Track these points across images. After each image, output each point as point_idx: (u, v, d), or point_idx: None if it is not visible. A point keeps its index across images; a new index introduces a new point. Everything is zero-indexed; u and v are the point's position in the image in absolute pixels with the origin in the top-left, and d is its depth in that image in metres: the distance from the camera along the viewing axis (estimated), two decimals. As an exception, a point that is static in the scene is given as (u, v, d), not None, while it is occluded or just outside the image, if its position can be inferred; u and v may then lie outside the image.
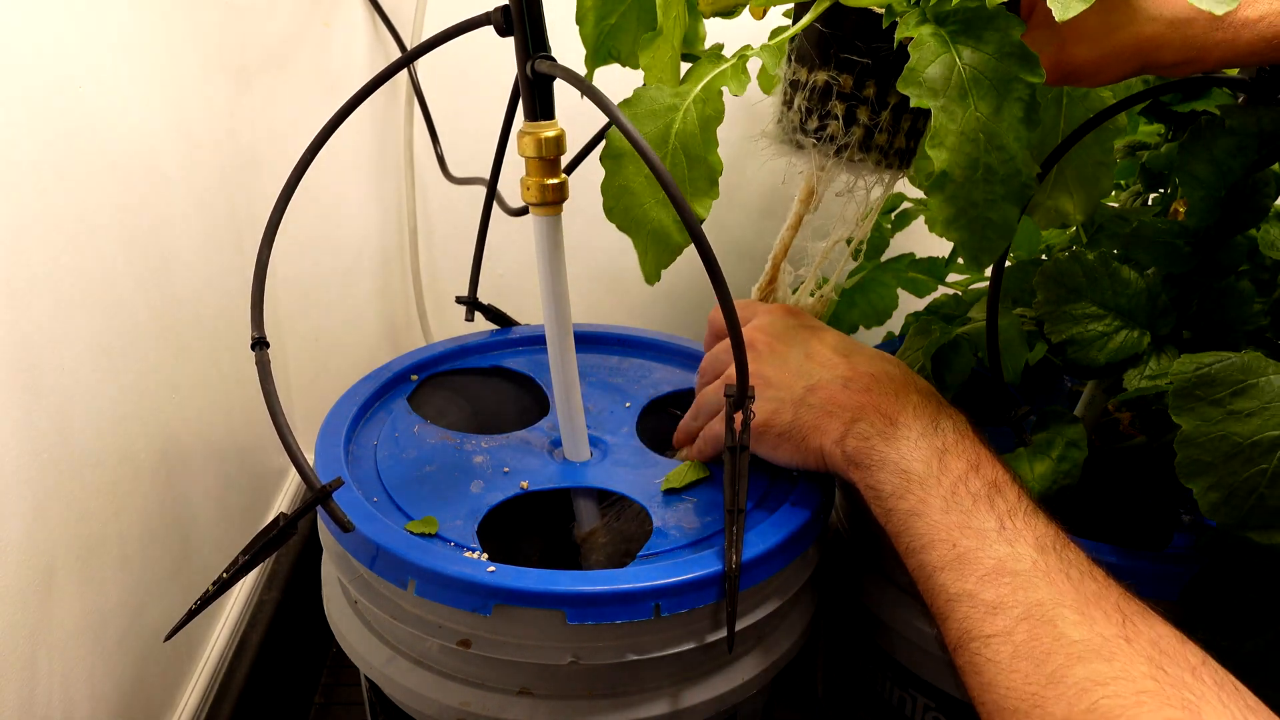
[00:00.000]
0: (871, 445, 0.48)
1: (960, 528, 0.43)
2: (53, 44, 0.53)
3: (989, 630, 0.39)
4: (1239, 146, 0.52)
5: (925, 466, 0.46)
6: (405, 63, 0.54)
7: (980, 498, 0.44)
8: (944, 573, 0.42)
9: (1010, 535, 0.42)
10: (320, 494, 0.45)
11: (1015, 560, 0.41)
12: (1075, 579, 0.40)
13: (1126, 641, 0.37)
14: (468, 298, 0.74)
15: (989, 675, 0.38)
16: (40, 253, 0.52)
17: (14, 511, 0.49)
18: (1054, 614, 0.38)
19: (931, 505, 0.44)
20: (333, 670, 0.92)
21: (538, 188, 0.51)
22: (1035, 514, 0.44)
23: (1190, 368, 0.46)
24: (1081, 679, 0.36)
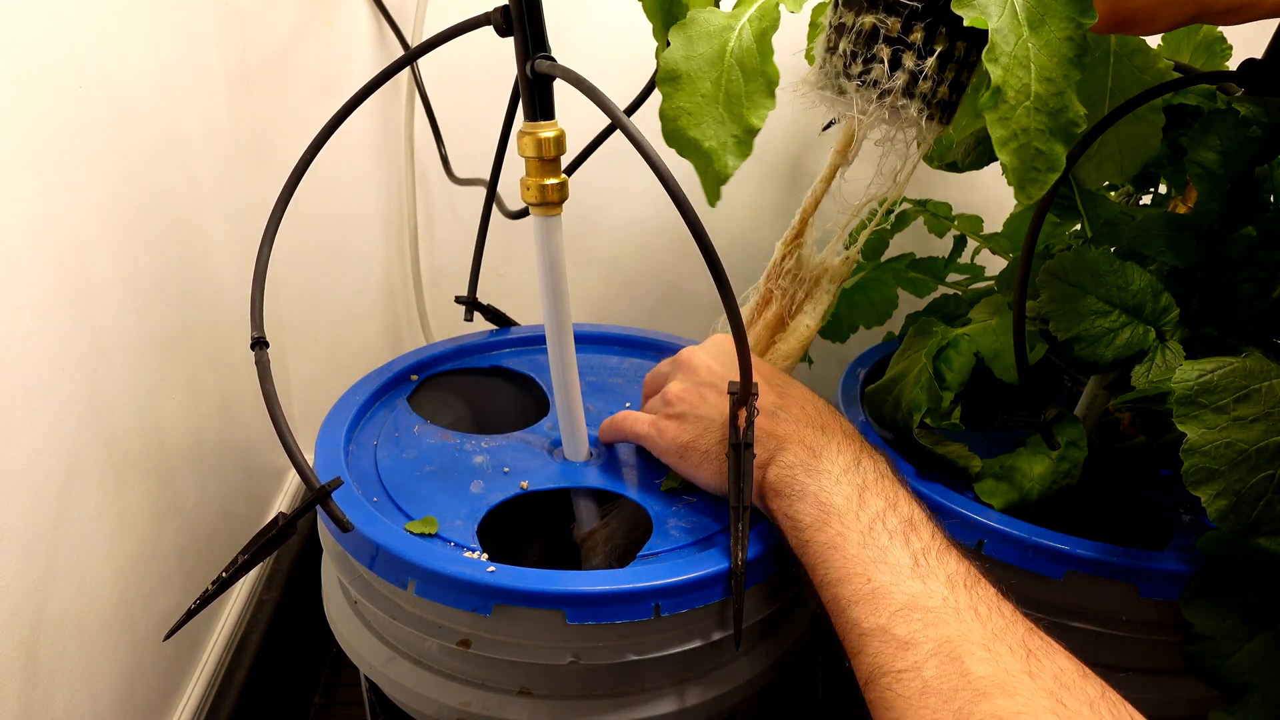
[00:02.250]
0: (794, 475, 0.49)
1: (875, 563, 0.44)
2: (52, 44, 0.53)
3: (899, 666, 0.40)
4: (1248, 137, 0.52)
5: (845, 501, 0.47)
6: (405, 62, 0.54)
7: (896, 534, 0.45)
8: (858, 607, 0.43)
9: (923, 572, 0.43)
10: (319, 494, 0.46)
11: (927, 597, 0.42)
12: (983, 615, 0.41)
13: (1030, 677, 0.38)
14: (467, 298, 0.74)
15: (899, 710, 0.39)
16: (40, 253, 0.52)
17: (13, 510, 0.49)
18: (961, 650, 0.39)
19: (849, 539, 0.45)
20: (333, 670, 0.92)
21: (537, 188, 0.51)
22: (948, 552, 0.45)
23: (1193, 375, 0.46)
24: (985, 715, 0.37)
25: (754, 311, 0.62)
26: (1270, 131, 0.52)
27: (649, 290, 0.99)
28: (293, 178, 0.51)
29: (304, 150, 0.52)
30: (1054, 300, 0.55)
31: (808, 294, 0.61)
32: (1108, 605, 0.54)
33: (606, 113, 0.44)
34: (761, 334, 0.62)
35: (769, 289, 0.61)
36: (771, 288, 0.61)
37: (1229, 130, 0.52)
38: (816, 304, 0.61)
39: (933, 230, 0.78)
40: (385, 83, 0.53)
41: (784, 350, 0.61)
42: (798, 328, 0.61)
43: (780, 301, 0.61)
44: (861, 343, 0.79)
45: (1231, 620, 0.49)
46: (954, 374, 0.59)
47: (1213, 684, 0.50)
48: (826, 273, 0.60)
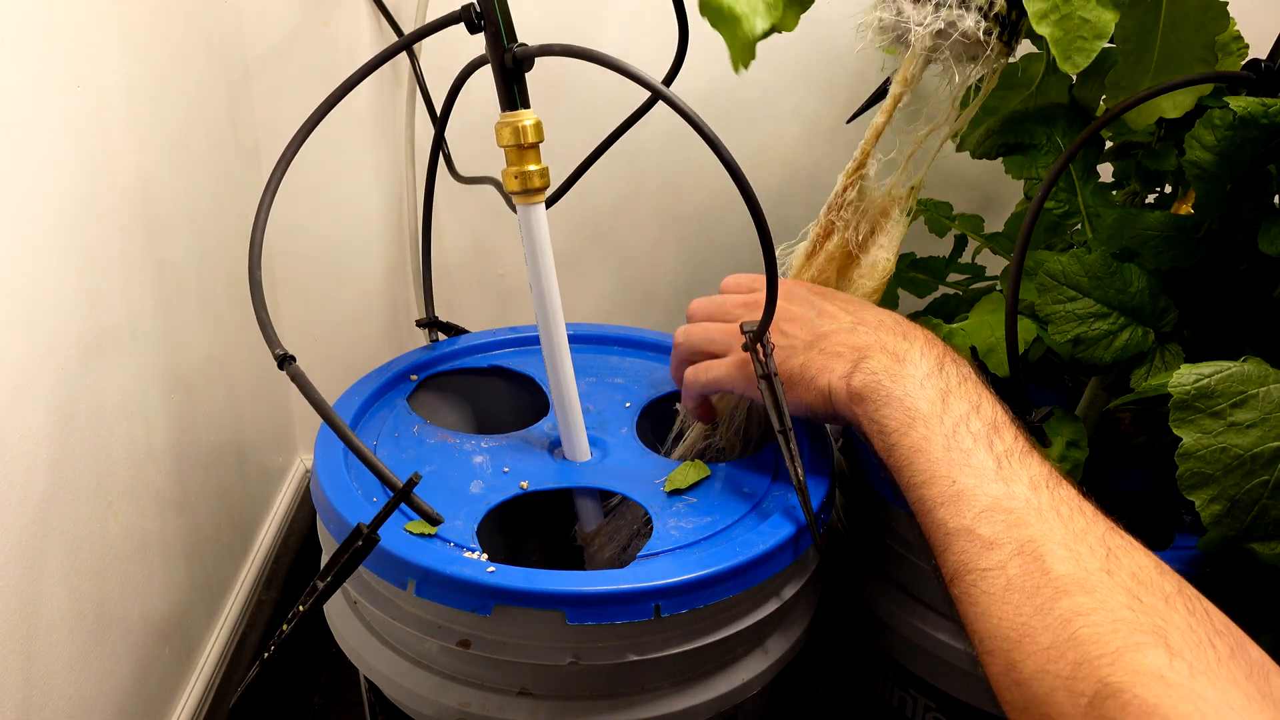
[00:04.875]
0: (879, 381, 0.50)
1: (960, 466, 0.45)
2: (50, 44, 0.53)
3: (984, 564, 0.42)
4: (1246, 137, 0.52)
5: (930, 405, 0.48)
6: (395, 51, 0.54)
7: (980, 438, 0.46)
8: (943, 508, 0.44)
9: (1006, 474, 0.44)
10: (404, 491, 0.43)
11: (1010, 499, 0.43)
12: (1065, 515, 0.42)
13: (1108, 574, 0.40)
14: (426, 319, 0.73)
15: (984, 605, 0.41)
16: (40, 253, 0.52)
17: (10, 510, 0.49)
18: (1043, 549, 0.41)
19: (934, 443, 0.46)
20: (333, 670, 0.92)
21: (520, 176, 0.52)
22: (1030, 454, 0.46)
23: (1189, 379, 0.46)
24: (1065, 610, 0.38)
25: (814, 243, 0.62)
26: (1270, 132, 0.51)
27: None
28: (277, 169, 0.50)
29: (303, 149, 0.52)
30: (1052, 303, 0.55)
31: (875, 226, 0.60)
32: (1108, 605, 0.54)
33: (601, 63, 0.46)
34: (824, 265, 0.61)
35: (830, 220, 0.60)
36: (833, 219, 0.60)
37: (1226, 130, 0.52)
38: (890, 236, 0.60)
39: (933, 230, 0.78)
40: (370, 73, 0.53)
41: (868, 286, 0.60)
42: (876, 262, 0.60)
43: (842, 233, 0.60)
44: (862, 343, 0.79)
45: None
46: (954, 373, 0.59)
47: (1213, 684, 0.50)
48: (895, 202, 0.59)
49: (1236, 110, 0.51)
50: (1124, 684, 0.36)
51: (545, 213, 0.54)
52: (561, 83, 0.85)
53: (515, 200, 0.53)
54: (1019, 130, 0.65)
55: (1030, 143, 0.65)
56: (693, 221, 0.94)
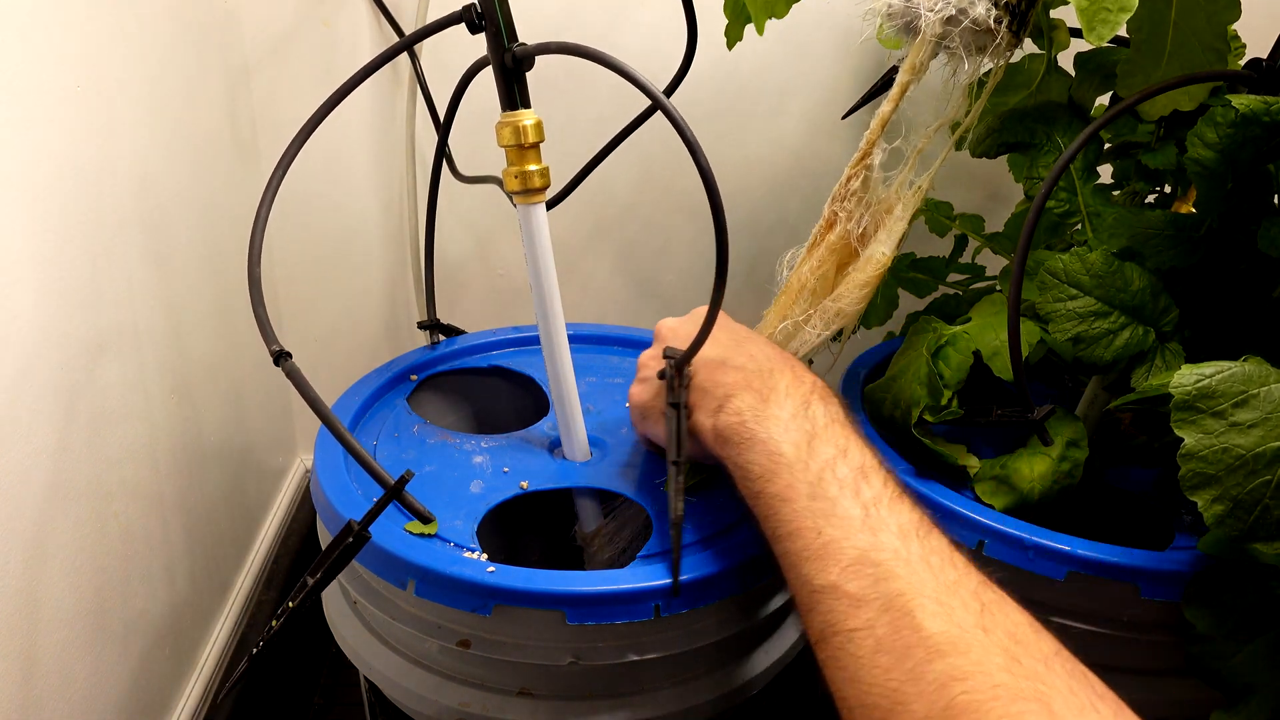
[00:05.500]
0: (743, 422, 0.48)
1: (825, 516, 0.43)
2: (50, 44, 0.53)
3: (852, 624, 0.39)
4: (1248, 135, 0.52)
5: (794, 449, 0.46)
6: (397, 51, 0.54)
7: (846, 484, 0.44)
8: (809, 564, 0.42)
9: (874, 523, 0.42)
10: (395, 489, 0.44)
11: (877, 550, 0.41)
12: (936, 566, 0.40)
13: (984, 632, 0.37)
14: (428, 321, 0.74)
15: (852, 670, 0.39)
16: (42, 254, 0.52)
17: (10, 511, 0.49)
18: (914, 605, 0.39)
19: (798, 491, 0.44)
20: (333, 670, 0.92)
21: (520, 175, 0.52)
22: (899, 500, 0.44)
23: (1190, 379, 0.46)
24: (940, 674, 0.36)
25: (816, 235, 0.61)
26: (1271, 130, 0.51)
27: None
28: (275, 178, 0.51)
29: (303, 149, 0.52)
30: (1053, 301, 0.55)
31: (879, 223, 0.59)
32: (1108, 605, 0.54)
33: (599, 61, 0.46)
34: (825, 257, 0.60)
35: (833, 211, 0.59)
36: (836, 210, 0.59)
37: (1228, 128, 0.52)
38: (891, 233, 0.58)
39: (933, 230, 0.78)
40: (373, 73, 0.53)
41: (859, 279, 0.58)
42: (873, 256, 0.58)
43: (845, 224, 0.59)
44: (861, 343, 0.79)
45: (1233, 621, 0.49)
46: (952, 372, 0.59)
47: (1214, 685, 0.50)
48: (901, 200, 0.59)
49: (1239, 108, 0.51)
50: None
51: (546, 213, 0.54)
52: (566, 81, 0.85)
53: (516, 200, 0.53)
54: (1019, 129, 0.65)
55: (1031, 141, 0.65)
56: (694, 221, 0.94)
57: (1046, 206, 0.64)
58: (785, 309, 0.60)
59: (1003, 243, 0.73)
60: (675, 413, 0.51)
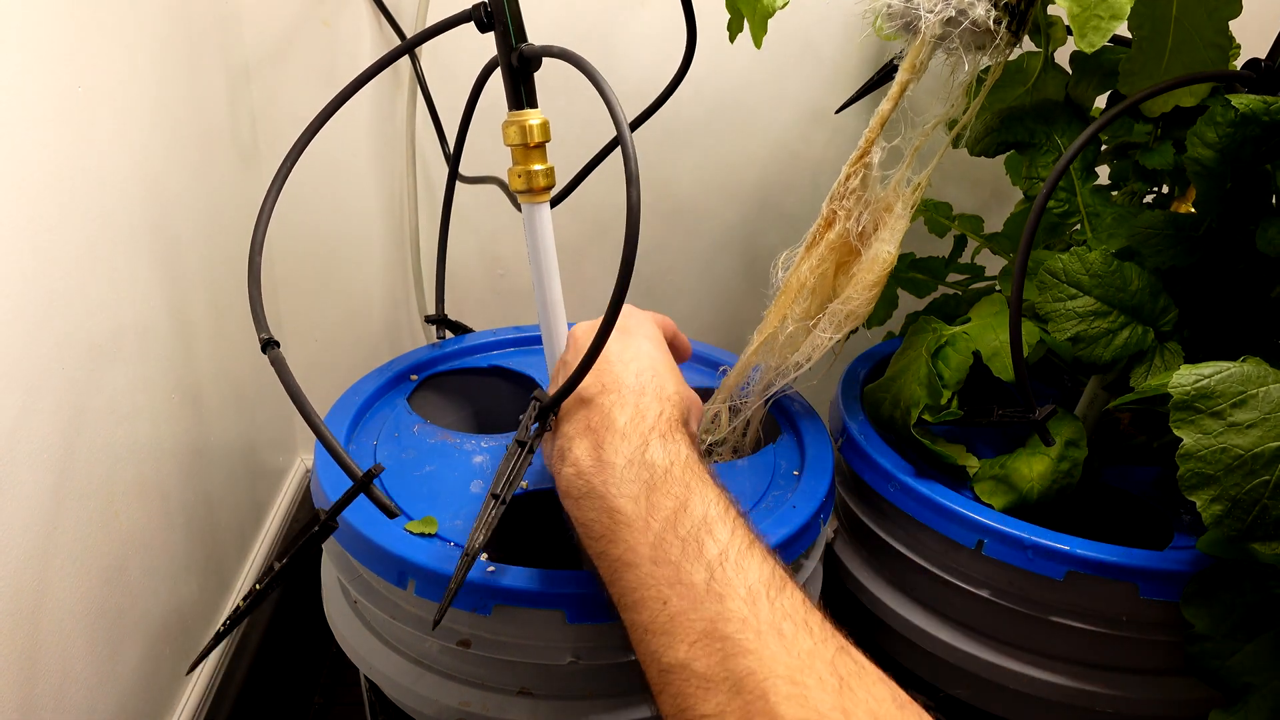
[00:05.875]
0: (579, 473, 0.44)
1: (670, 583, 0.40)
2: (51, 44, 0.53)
3: (703, 709, 0.37)
4: (1248, 134, 0.52)
5: (634, 505, 0.42)
6: (401, 52, 0.54)
7: (690, 542, 0.41)
8: (656, 638, 0.39)
9: (720, 587, 0.39)
10: (364, 480, 0.43)
11: (725, 620, 0.38)
12: (788, 635, 0.37)
13: (844, 715, 0.35)
14: (436, 316, 0.74)
15: None
16: (47, 256, 0.52)
17: (12, 511, 0.49)
18: (766, 686, 0.36)
19: (641, 555, 0.41)
20: (333, 670, 0.92)
21: (525, 175, 0.52)
22: (749, 553, 0.41)
23: (1189, 380, 0.46)
24: None
25: (815, 234, 0.60)
26: (1270, 129, 0.51)
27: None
28: (280, 174, 0.51)
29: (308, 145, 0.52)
30: (1053, 301, 0.55)
31: (879, 221, 0.58)
32: (1108, 605, 0.54)
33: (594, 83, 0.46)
34: (825, 255, 0.59)
35: (832, 210, 0.59)
36: (835, 208, 0.59)
37: (1228, 128, 0.52)
38: (893, 231, 0.58)
39: (933, 230, 0.78)
40: (376, 75, 0.53)
41: (867, 280, 0.58)
42: (878, 255, 0.57)
43: (844, 222, 0.58)
44: (861, 343, 0.79)
45: (1232, 621, 0.49)
46: (952, 372, 0.59)
47: (1213, 684, 0.50)
48: (900, 197, 0.58)
49: (1238, 107, 0.51)
50: None
51: (550, 212, 0.54)
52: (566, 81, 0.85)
53: (520, 199, 0.53)
54: (1018, 128, 0.66)
55: (1029, 141, 0.65)
56: (693, 221, 0.94)
57: (1047, 206, 0.64)
58: (785, 309, 0.60)
59: (1002, 243, 0.74)
60: (517, 450, 0.47)
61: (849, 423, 0.66)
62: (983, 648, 0.58)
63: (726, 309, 1.00)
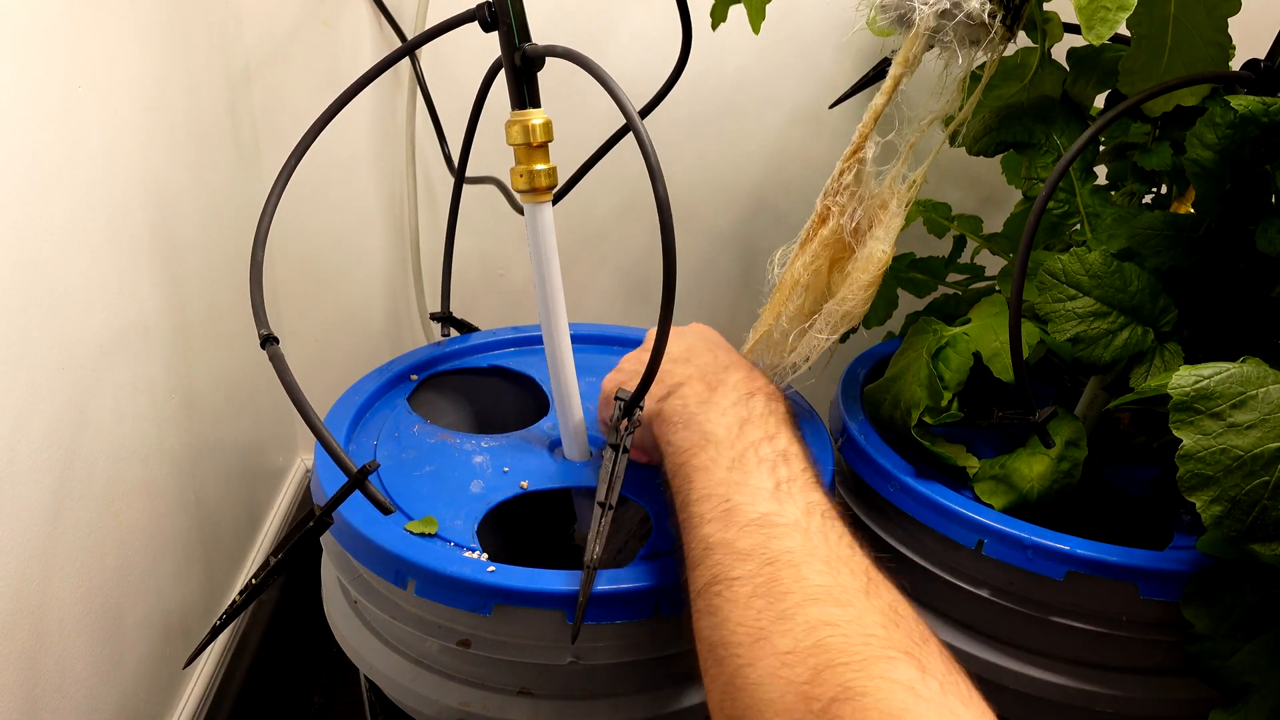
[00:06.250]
0: (686, 406, 0.50)
1: (738, 485, 0.44)
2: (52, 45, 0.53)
3: (736, 573, 0.39)
4: (1247, 135, 0.52)
5: (725, 431, 0.47)
6: (403, 54, 0.54)
7: (765, 462, 0.45)
8: (711, 524, 0.43)
9: (782, 496, 0.43)
10: (358, 476, 0.44)
11: (779, 516, 0.42)
12: (832, 540, 0.41)
13: (866, 596, 0.37)
14: (441, 314, 0.74)
15: (724, 614, 0.38)
16: (45, 255, 0.52)
17: (13, 511, 0.49)
18: (800, 561, 0.39)
19: (719, 464, 0.46)
20: (333, 670, 0.92)
21: (526, 174, 0.52)
22: (814, 487, 0.45)
23: (1189, 380, 0.46)
24: (813, 618, 0.36)
25: (809, 231, 0.60)
26: (1270, 130, 0.51)
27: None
28: (284, 173, 0.51)
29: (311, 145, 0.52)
30: (1052, 301, 0.55)
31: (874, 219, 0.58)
32: (1108, 605, 0.54)
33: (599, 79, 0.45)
34: (819, 252, 0.59)
35: (825, 206, 0.59)
36: (829, 204, 0.58)
37: (1227, 129, 0.52)
38: (888, 229, 0.58)
39: (932, 230, 0.78)
40: (378, 76, 0.53)
41: (863, 279, 0.58)
42: (873, 254, 0.57)
43: (838, 218, 0.58)
44: (861, 343, 0.79)
45: (1232, 620, 0.49)
46: (952, 373, 0.59)
47: (1213, 684, 0.50)
48: (895, 195, 0.58)
49: (1237, 108, 0.51)
50: (868, 689, 0.32)
51: (551, 212, 0.54)
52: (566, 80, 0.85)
53: (521, 199, 0.53)
54: (1016, 128, 0.65)
55: (1029, 141, 0.65)
56: (696, 221, 0.95)
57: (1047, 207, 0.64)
58: (779, 306, 0.60)
59: (1001, 243, 0.74)
60: (614, 455, 0.49)
61: (849, 423, 0.66)
62: (983, 648, 0.58)
63: (723, 309, 1.00)
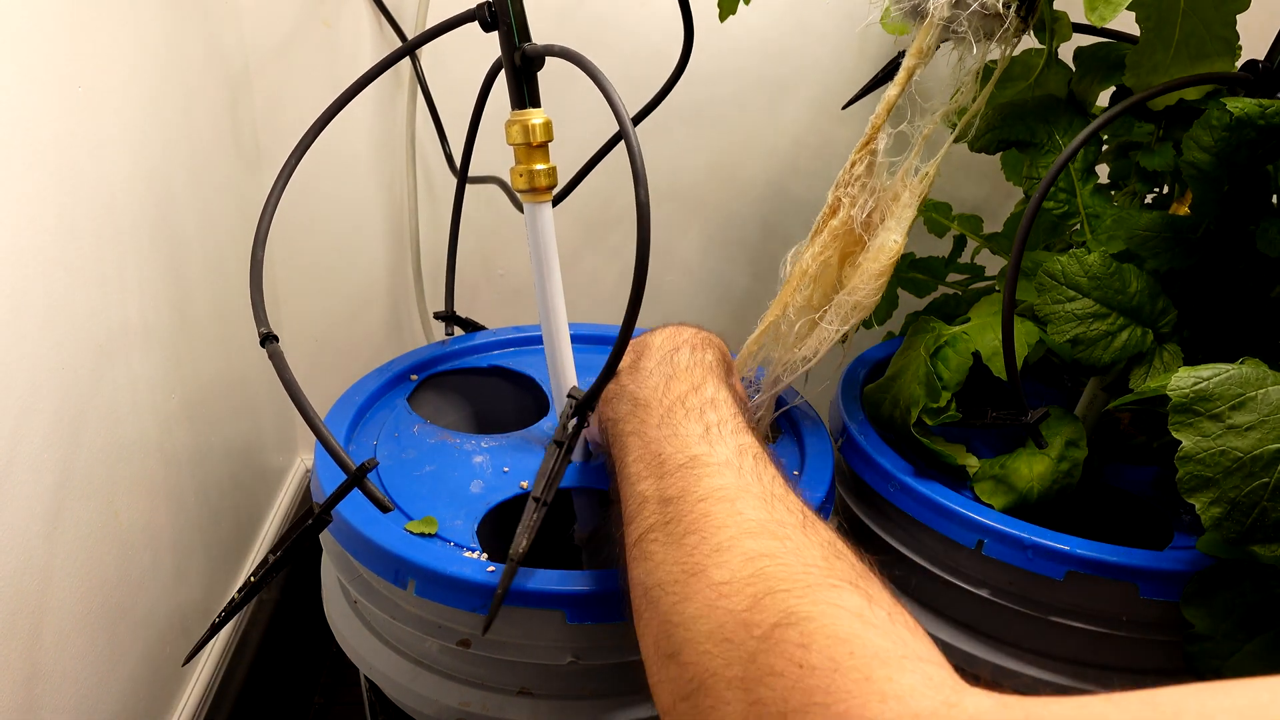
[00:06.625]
0: (618, 380, 0.51)
1: (667, 439, 0.43)
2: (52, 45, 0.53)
3: (668, 517, 0.38)
4: (1243, 138, 0.52)
5: (652, 392, 0.47)
6: (404, 53, 0.54)
7: (693, 411, 0.44)
8: (644, 481, 0.42)
9: (712, 439, 0.42)
10: (357, 474, 0.44)
11: (710, 457, 0.40)
12: (765, 480, 0.39)
13: (803, 530, 0.36)
14: (445, 313, 0.74)
15: (657, 557, 0.36)
16: (47, 256, 0.52)
17: (13, 511, 0.49)
18: (735, 495, 0.37)
19: (649, 424, 0.45)
20: (333, 670, 0.92)
21: (526, 174, 0.52)
22: (744, 431, 0.44)
23: (1188, 382, 0.46)
24: (750, 549, 0.34)
25: (820, 222, 0.59)
26: (1267, 133, 0.51)
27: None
28: (284, 172, 0.51)
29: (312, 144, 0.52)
30: (1052, 303, 0.55)
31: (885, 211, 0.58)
32: (1108, 605, 0.54)
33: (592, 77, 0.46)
34: (828, 242, 0.59)
35: (837, 197, 0.58)
36: (840, 195, 0.58)
37: (1223, 131, 0.52)
38: (900, 220, 0.57)
39: (932, 230, 0.78)
40: (379, 75, 0.53)
41: (874, 269, 0.57)
42: (884, 244, 0.57)
43: (849, 209, 0.58)
44: (861, 343, 0.79)
45: (1231, 621, 0.49)
46: (951, 373, 0.59)
47: (1212, 684, 0.50)
48: (908, 186, 0.57)
49: (1234, 111, 0.51)
50: (813, 614, 0.30)
51: (551, 211, 0.54)
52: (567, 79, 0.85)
53: (521, 198, 0.53)
54: (1019, 126, 0.65)
55: (1031, 140, 0.65)
56: (697, 221, 0.95)
57: (1046, 207, 0.64)
58: (787, 297, 0.59)
59: (1001, 243, 0.74)
60: (556, 452, 0.49)
61: (849, 423, 0.66)
62: (983, 648, 0.58)
63: (733, 305, 1.00)
